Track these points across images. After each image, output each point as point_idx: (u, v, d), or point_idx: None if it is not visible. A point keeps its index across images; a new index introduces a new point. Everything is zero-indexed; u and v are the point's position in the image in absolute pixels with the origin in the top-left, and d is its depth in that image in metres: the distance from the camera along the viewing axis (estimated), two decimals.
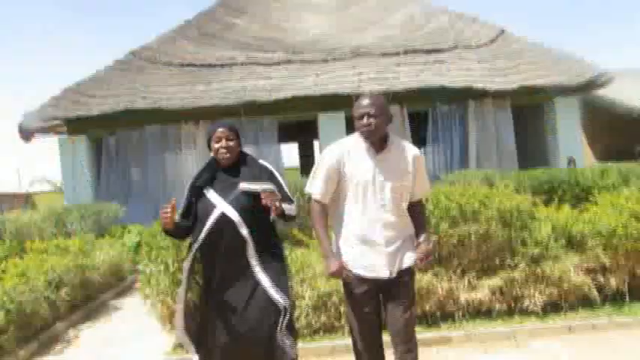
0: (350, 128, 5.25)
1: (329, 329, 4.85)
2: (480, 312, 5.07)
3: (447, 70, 11.97)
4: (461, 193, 5.06)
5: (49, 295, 6.15)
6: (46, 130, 12.22)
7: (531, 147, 13.20)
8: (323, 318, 4.82)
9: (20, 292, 5.56)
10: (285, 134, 14.24)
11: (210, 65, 12.83)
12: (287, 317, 3.08)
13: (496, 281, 4.99)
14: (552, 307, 5.15)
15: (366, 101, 3.12)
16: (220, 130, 3.22)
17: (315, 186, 3.22)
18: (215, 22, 14.95)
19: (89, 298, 7.32)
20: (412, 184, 3.21)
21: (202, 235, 3.13)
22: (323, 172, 3.19)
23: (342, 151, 3.20)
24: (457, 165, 11.97)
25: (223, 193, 3.16)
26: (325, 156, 3.24)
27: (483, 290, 4.97)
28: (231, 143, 3.21)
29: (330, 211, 3.25)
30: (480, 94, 11.81)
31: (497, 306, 5.05)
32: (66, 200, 11.94)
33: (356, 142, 3.22)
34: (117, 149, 12.36)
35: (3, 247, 8.35)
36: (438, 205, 4.93)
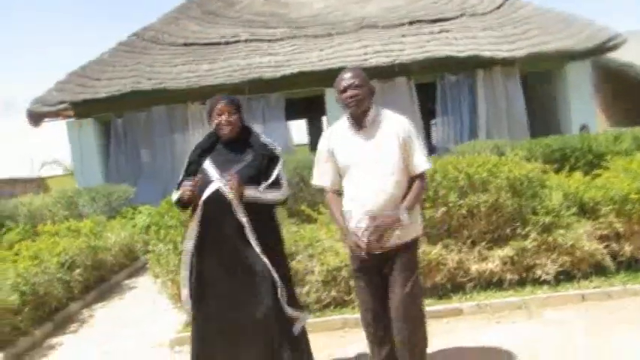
0: None
1: (339, 303, 4.84)
2: (491, 283, 5.00)
3: (453, 40, 11.78)
4: (469, 163, 4.97)
5: (63, 277, 6.21)
6: (54, 115, 12.25)
7: (543, 115, 13.01)
8: (333, 292, 4.80)
9: (34, 273, 5.62)
10: (294, 111, 14.14)
11: (214, 43, 12.76)
12: (283, 293, 3.10)
13: (507, 251, 4.91)
14: (565, 276, 5.06)
15: (347, 74, 3.09)
16: (221, 104, 3.17)
17: (315, 177, 3.35)
18: None
19: (102, 279, 7.38)
20: (400, 159, 3.07)
21: (199, 210, 3.10)
22: (319, 162, 3.30)
23: (329, 137, 3.26)
24: (467, 136, 11.83)
25: (222, 169, 3.12)
26: (318, 146, 3.31)
27: (494, 261, 4.90)
28: (232, 117, 3.16)
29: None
30: (488, 63, 11.62)
31: (509, 276, 4.97)
32: (77, 183, 12.01)
33: (343, 123, 3.21)
34: (125, 131, 12.36)
35: (17, 231, 8.45)
36: (446, 175, 4.85)
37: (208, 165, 3.16)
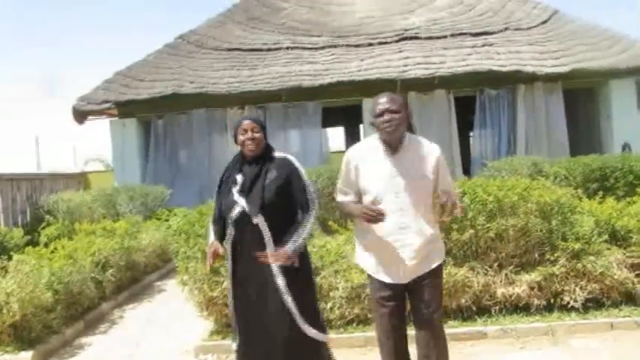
0: None
1: (362, 321, 4.85)
2: (517, 307, 4.95)
3: (495, 54, 11.65)
4: (499, 187, 4.93)
5: (96, 276, 6.38)
6: (98, 113, 12.56)
7: (584, 133, 12.74)
8: (356, 310, 4.81)
9: (68, 273, 5.78)
10: (332, 118, 14.19)
11: (256, 49, 12.91)
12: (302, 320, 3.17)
13: (535, 276, 4.85)
14: (594, 304, 4.98)
15: (385, 98, 3.06)
16: (246, 122, 3.30)
17: (339, 194, 3.31)
18: (262, 5, 14.97)
19: (135, 280, 7.56)
20: (433, 186, 3.07)
21: (228, 230, 3.26)
22: (343, 178, 3.25)
23: (358, 155, 3.21)
24: (505, 151, 11.67)
25: (244, 188, 3.22)
26: (344, 161, 3.25)
27: (521, 285, 4.84)
28: (256, 135, 3.26)
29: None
30: (530, 78, 11.46)
31: (536, 301, 4.91)
32: (116, 181, 12.28)
33: (373, 144, 3.17)
34: (164, 132, 12.59)
35: (55, 226, 8.70)
36: (474, 198, 4.83)
37: (234, 186, 3.27)
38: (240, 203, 3.18)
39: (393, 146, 3.08)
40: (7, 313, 4.90)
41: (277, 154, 3.37)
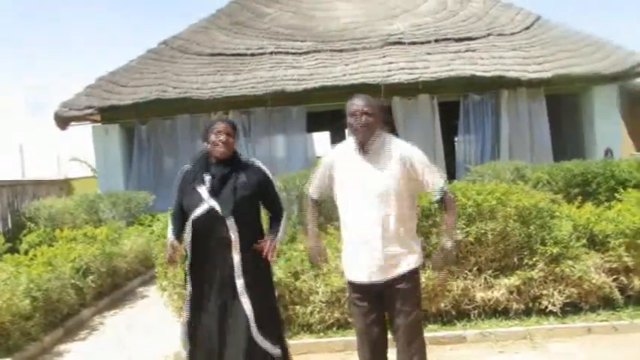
0: None
1: (342, 325, 4.86)
2: (496, 311, 4.99)
3: (479, 59, 11.71)
4: (478, 191, 4.96)
5: (76, 283, 6.32)
6: (80, 119, 12.46)
7: (567, 137, 12.83)
8: (336, 314, 4.82)
9: (47, 279, 5.73)
10: (318, 123, 14.17)
11: (240, 54, 12.87)
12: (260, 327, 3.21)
13: (514, 280, 4.89)
14: (572, 308, 5.03)
15: (358, 100, 3.11)
16: (222, 124, 3.34)
17: (310, 186, 3.46)
18: (246, 10, 14.97)
19: (116, 286, 7.50)
20: (403, 189, 3.05)
21: (189, 228, 3.26)
22: (317, 173, 3.36)
23: (335, 154, 3.27)
24: (489, 156, 11.70)
25: (214, 188, 3.23)
26: (322, 159, 3.35)
27: (500, 289, 4.88)
28: (230, 139, 3.31)
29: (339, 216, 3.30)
30: (513, 83, 11.53)
31: (515, 305, 4.95)
32: (99, 188, 12.19)
33: (349, 145, 3.21)
34: (148, 138, 12.50)
35: (36, 233, 8.62)
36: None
37: (200, 186, 3.28)
38: (210, 203, 3.19)
39: (364, 146, 3.10)
40: None
41: (244, 158, 3.44)
